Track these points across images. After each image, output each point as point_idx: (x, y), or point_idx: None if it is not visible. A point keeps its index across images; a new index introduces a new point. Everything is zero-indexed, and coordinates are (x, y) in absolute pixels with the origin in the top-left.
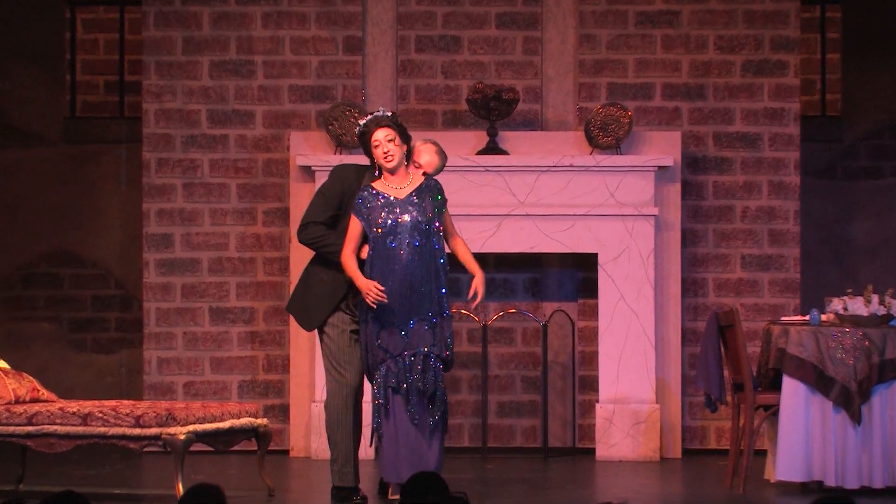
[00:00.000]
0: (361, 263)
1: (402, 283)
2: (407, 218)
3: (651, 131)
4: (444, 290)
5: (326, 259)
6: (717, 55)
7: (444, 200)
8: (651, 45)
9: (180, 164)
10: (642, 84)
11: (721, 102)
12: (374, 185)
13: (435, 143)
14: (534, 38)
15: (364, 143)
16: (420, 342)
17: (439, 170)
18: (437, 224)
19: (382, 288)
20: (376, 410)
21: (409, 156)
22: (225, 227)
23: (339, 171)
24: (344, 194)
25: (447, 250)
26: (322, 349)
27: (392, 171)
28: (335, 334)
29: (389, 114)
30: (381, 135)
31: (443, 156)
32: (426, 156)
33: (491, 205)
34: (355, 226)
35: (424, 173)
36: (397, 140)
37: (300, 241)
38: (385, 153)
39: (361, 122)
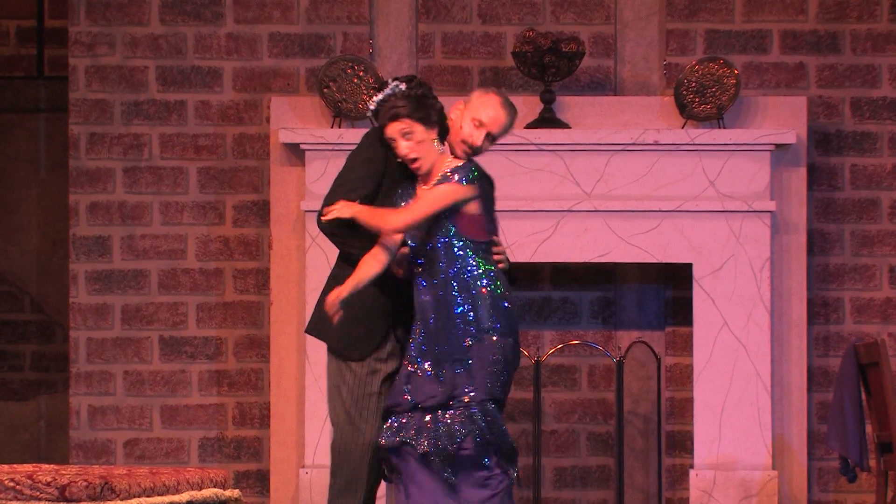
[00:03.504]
0: (384, 284)
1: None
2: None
3: (766, 96)
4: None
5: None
6: None
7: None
8: None
9: (120, 141)
10: (754, 31)
11: (862, 57)
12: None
13: (500, 93)
14: None
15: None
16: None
17: (506, 130)
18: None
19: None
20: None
21: (443, 135)
22: (181, 228)
23: (381, 135)
24: (386, 167)
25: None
26: (333, 389)
27: (424, 180)
28: (363, 373)
29: (403, 87)
30: (393, 131)
31: (511, 110)
32: (490, 110)
33: (546, 197)
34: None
35: (488, 134)
36: (418, 131)
37: (320, 228)
38: (404, 157)
39: (371, 104)
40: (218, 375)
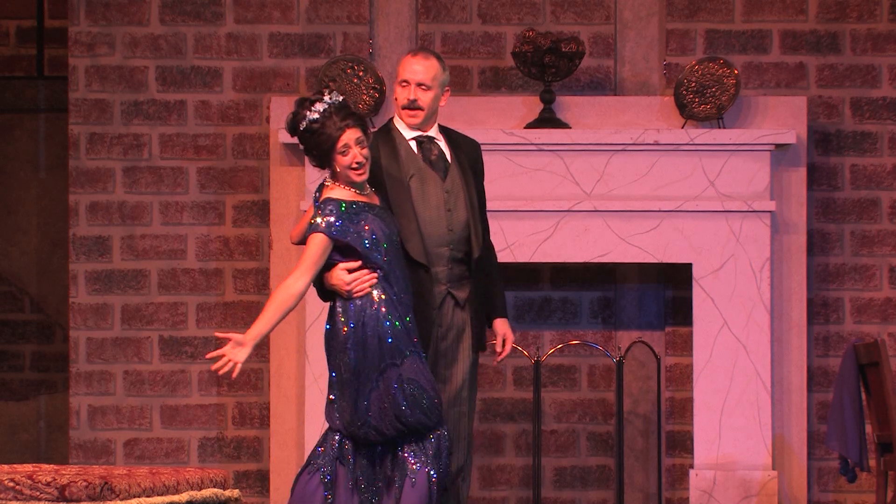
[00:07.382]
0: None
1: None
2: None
3: (766, 96)
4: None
5: None
6: None
7: None
8: None
9: (120, 141)
10: (754, 31)
11: (862, 57)
12: (332, 194)
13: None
14: None
15: (319, 143)
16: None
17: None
18: None
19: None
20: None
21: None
22: (181, 228)
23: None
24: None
25: None
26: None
27: (361, 187)
28: None
29: (340, 98)
30: (352, 136)
31: (413, 49)
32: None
33: (546, 197)
34: (320, 249)
35: (403, 81)
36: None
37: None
38: (358, 164)
39: (313, 113)
40: (218, 375)
